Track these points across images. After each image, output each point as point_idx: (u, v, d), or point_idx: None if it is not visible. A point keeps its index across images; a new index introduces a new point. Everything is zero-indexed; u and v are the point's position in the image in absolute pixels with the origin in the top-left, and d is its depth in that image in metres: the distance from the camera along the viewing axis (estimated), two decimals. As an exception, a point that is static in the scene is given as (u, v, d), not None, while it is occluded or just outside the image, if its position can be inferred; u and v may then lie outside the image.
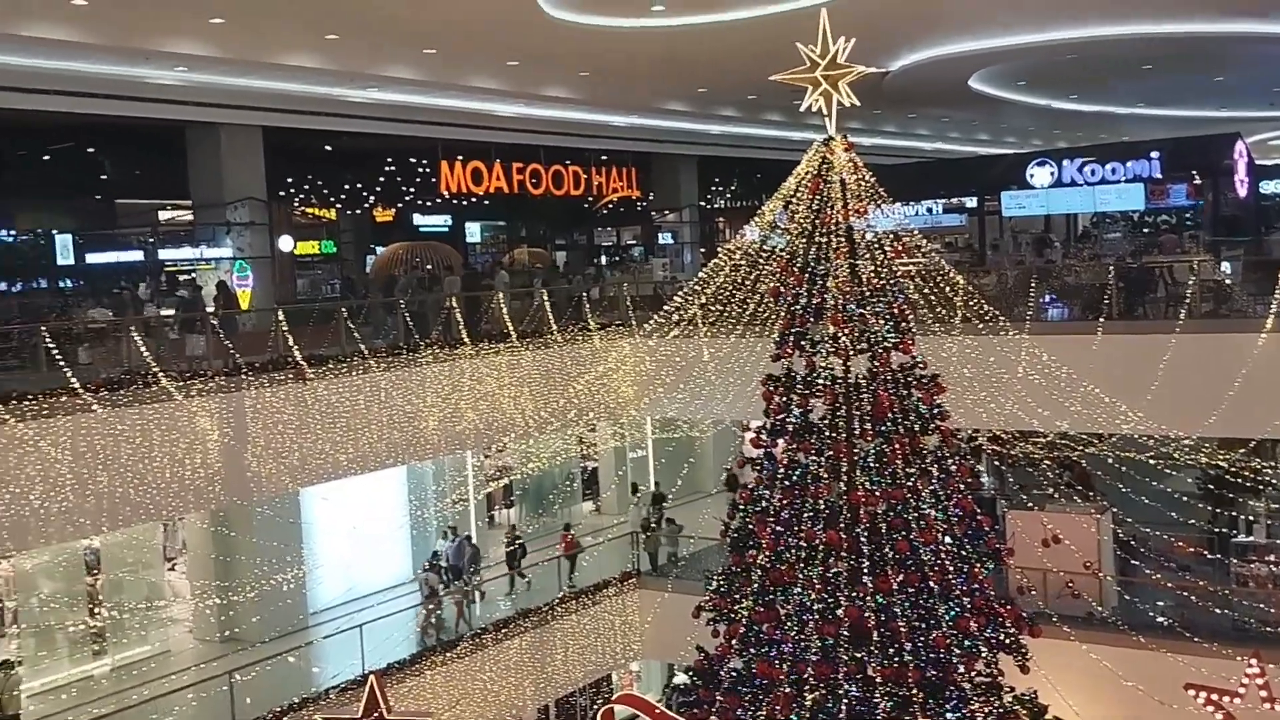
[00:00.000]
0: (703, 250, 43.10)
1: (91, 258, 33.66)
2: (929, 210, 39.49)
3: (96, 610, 19.62)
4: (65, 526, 16.04)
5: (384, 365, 19.99)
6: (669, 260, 40.39)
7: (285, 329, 18.67)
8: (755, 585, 12.60)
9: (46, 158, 32.70)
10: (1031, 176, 36.14)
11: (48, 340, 16.04)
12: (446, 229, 42.68)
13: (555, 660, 21.55)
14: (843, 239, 12.88)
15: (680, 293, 17.71)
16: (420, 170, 37.26)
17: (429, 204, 39.28)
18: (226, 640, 20.28)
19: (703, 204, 48.39)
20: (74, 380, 15.90)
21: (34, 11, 19.81)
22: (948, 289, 16.40)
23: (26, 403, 15.44)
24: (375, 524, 21.88)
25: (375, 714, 14.78)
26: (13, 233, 35.28)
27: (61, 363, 15.99)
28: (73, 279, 33.37)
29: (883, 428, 12.52)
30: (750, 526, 12.90)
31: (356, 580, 22.49)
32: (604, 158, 42.67)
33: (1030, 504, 19.98)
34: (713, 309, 18.86)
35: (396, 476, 23.60)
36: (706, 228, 48.91)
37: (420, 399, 20.63)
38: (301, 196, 36.46)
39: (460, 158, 36.85)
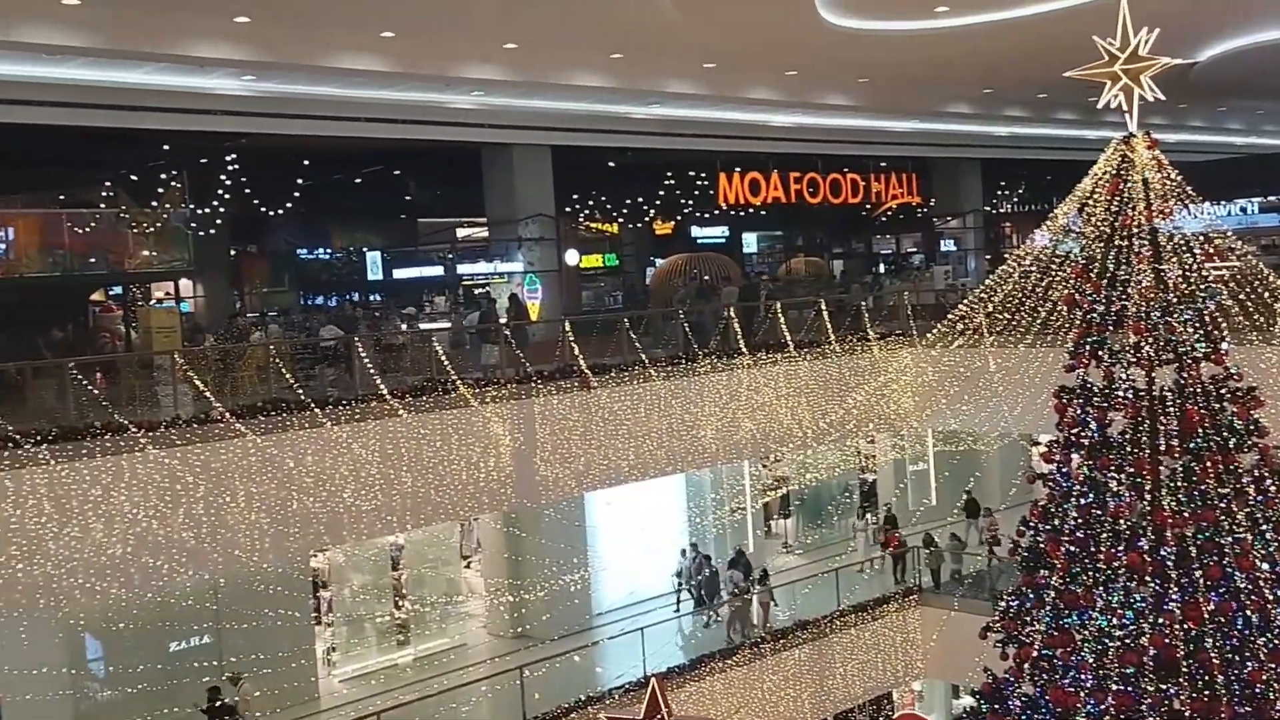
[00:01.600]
0: (988, 257, 41.54)
1: (398, 273, 36.12)
2: (1243, 210, 36.49)
3: (401, 603, 20.99)
4: (374, 523, 17.26)
5: (664, 374, 20.39)
6: (951, 267, 39.19)
7: (571, 339, 19.38)
8: (1048, 608, 11.99)
9: (359, 181, 35.38)
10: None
11: (360, 351, 17.34)
12: (724, 240, 43.12)
13: (835, 674, 21.27)
14: (1145, 242, 12.07)
15: (965, 301, 17.10)
16: (699, 183, 37.82)
17: (707, 215, 39.81)
18: (517, 637, 21.20)
19: (987, 209, 46.68)
20: (383, 387, 17.11)
21: (350, 45, 21.46)
22: (1266, 295, 15.05)
23: (342, 408, 16.73)
24: (656, 529, 22.34)
25: (657, 716, 15.04)
26: (329, 251, 38.41)
27: (372, 371, 17.24)
28: (380, 293, 35.95)
29: (1192, 444, 11.64)
30: (1042, 546, 12.28)
31: (638, 584, 22.99)
32: (883, 164, 41.92)
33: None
34: (1000, 317, 18.10)
35: (676, 484, 23.98)
36: (991, 233, 47.13)
37: (698, 408, 20.90)
38: (586, 212, 37.77)
39: (738, 169, 37.15)
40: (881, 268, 44.21)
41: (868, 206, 42.34)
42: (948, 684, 24.20)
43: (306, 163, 30.49)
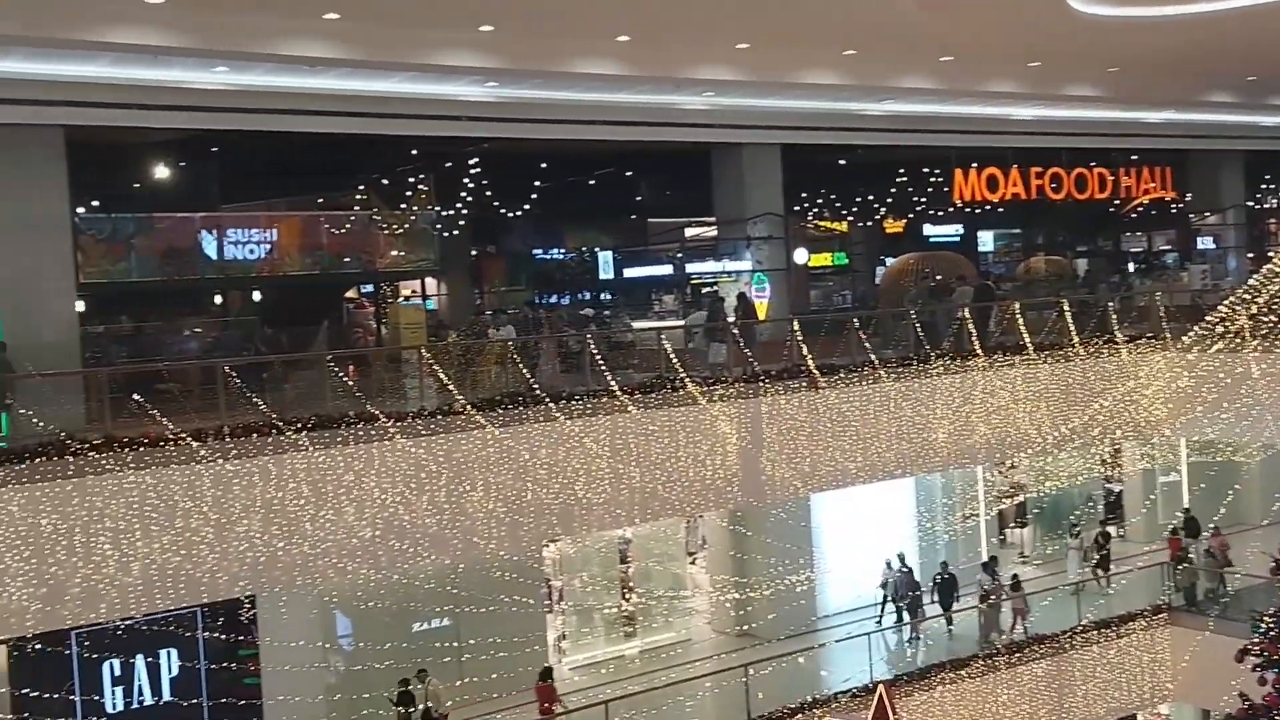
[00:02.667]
0: (1250, 255, 38.72)
1: (628, 272, 36.80)
2: None
3: (628, 595, 21.38)
4: (604, 516, 17.66)
5: (894, 375, 19.98)
6: (1209, 267, 36.73)
7: (800, 338, 19.25)
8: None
9: (591, 182, 36.24)
10: None
11: (592, 347, 17.77)
12: (958, 238, 41.83)
13: (1074, 692, 20.31)
14: None
15: (1225, 302, 16.01)
16: (932, 179, 36.81)
17: (940, 213, 38.69)
18: (742, 635, 21.22)
19: (1250, 204, 43.48)
20: (613, 383, 17.48)
21: (587, 50, 22.01)
22: None
23: (574, 403, 17.18)
24: (883, 534, 21.91)
25: (883, 724, 14.77)
26: (563, 250, 39.53)
27: (603, 367, 17.64)
28: (611, 292, 36.72)
29: None
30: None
31: (864, 588, 22.60)
32: (1134, 157, 39.68)
33: None
34: (1264, 320, 16.87)
35: (905, 487, 23.45)
36: (1255, 231, 43.89)
37: (930, 410, 20.38)
38: (815, 210, 37.40)
39: (974, 165, 35.94)
40: (1131, 267, 41.85)
41: (1116, 202, 40.15)
42: (1199, 709, 22.72)
43: (543, 165, 31.46)
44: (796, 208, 34.86)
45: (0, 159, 19.47)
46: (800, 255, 33.15)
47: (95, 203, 26.39)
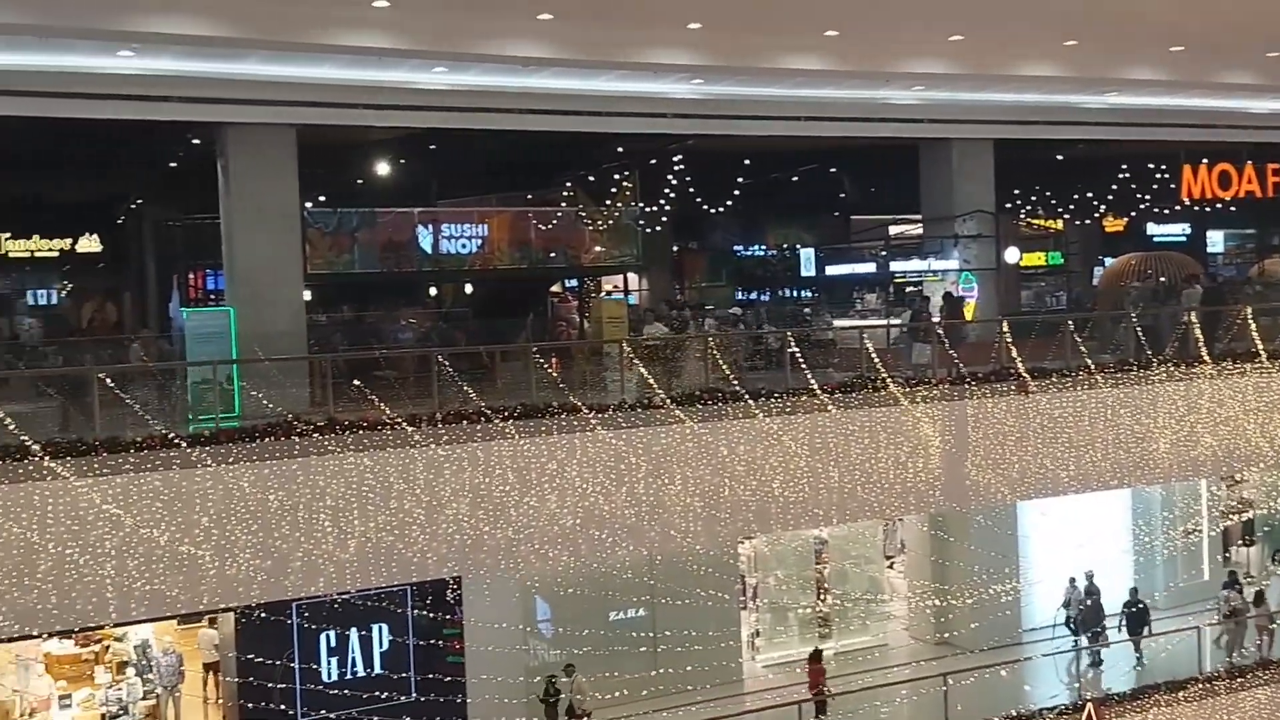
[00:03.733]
0: None
1: (830, 270, 36.36)
2: None
3: (823, 596, 21.14)
4: (800, 515, 17.51)
5: (1111, 381, 19.07)
6: None
7: (1009, 340, 18.60)
8: None
9: (794, 179, 35.98)
10: None
11: (792, 346, 17.62)
12: (1184, 238, 39.59)
13: (1302, 725, 18.96)
14: None
15: None
16: (1157, 176, 34.90)
17: (1166, 211, 36.67)
18: (940, 644, 20.69)
19: None
20: (812, 382, 17.32)
21: (794, 45, 21.85)
22: None
23: (774, 400, 17.10)
24: (1097, 546, 20.93)
25: (1091, 744, 14.14)
26: (764, 248, 39.39)
27: (804, 365, 17.48)
28: (813, 289, 36.36)
29: None
30: None
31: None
32: (1384, 152, 36.60)
33: None
34: None
35: (1120, 499, 22.34)
36: None
37: (1150, 419, 19.37)
38: (1028, 208, 36.02)
39: (1205, 160, 33.88)
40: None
41: (1363, 201, 37.15)
42: None
43: (746, 161, 31.42)
44: (1008, 205, 33.67)
45: (240, 156, 20.86)
46: (1011, 254, 31.92)
47: (322, 198, 27.91)
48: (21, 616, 13.09)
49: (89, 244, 36.25)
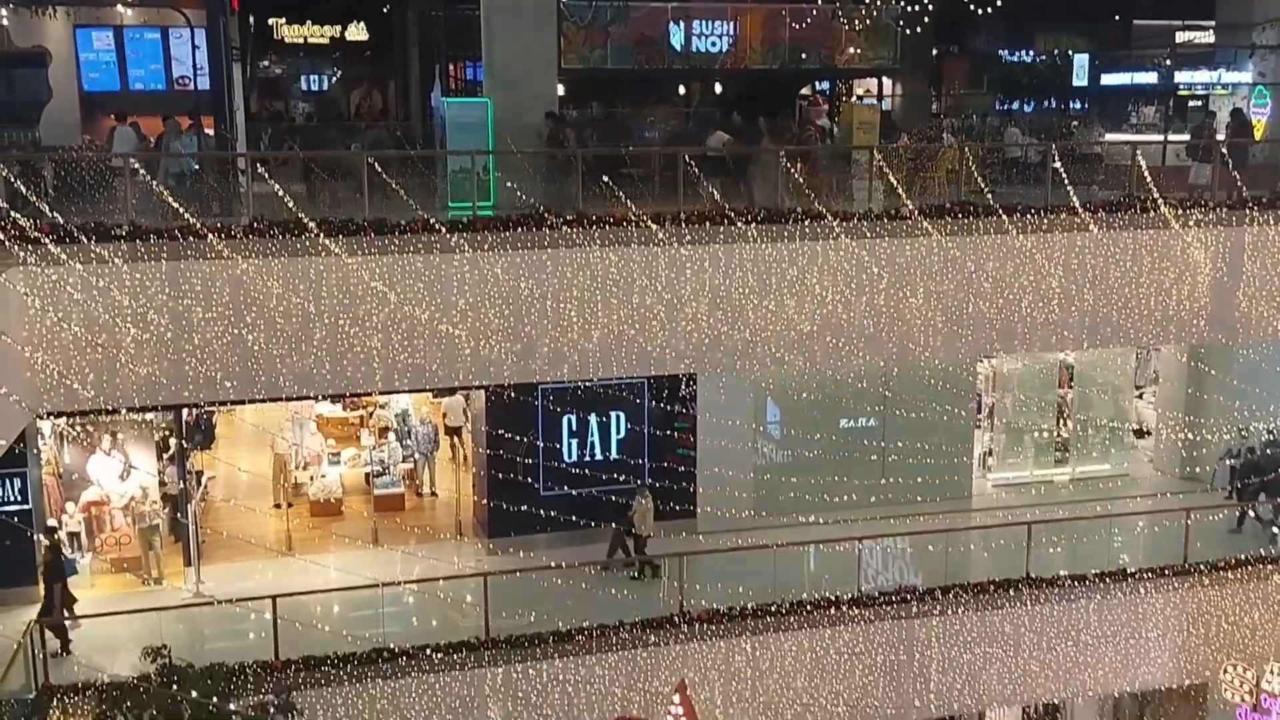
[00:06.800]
0: None
1: (1105, 79, 33.83)
2: None
3: (1064, 421, 20.56)
4: (1048, 337, 16.99)
5: None
6: None
7: (1304, 162, 17.01)
8: None
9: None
10: None
11: (1056, 162, 16.62)
12: None
13: None
14: None
15: None
16: None
17: None
18: (1187, 478, 19.90)
19: None
20: (1074, 199, 16.41)
21: None
22: None
23: (1029, 217, 16.35)
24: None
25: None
26: (1030, 52, 36.87)
27: (1066, 182, 16.55)
28: (1083, 100, 34.00)
29: None
30: None
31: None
32: None
33: None
34: None
35: None
36: None
37: None
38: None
39: None
40: None
41: None
42: None
43: (1020, -43, 29.17)
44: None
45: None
46: (1316, 67, 28.81)
47: (579, -9, 27.73)
48: (300, 379, 14.40)
49: (357, 32, 37.65)
